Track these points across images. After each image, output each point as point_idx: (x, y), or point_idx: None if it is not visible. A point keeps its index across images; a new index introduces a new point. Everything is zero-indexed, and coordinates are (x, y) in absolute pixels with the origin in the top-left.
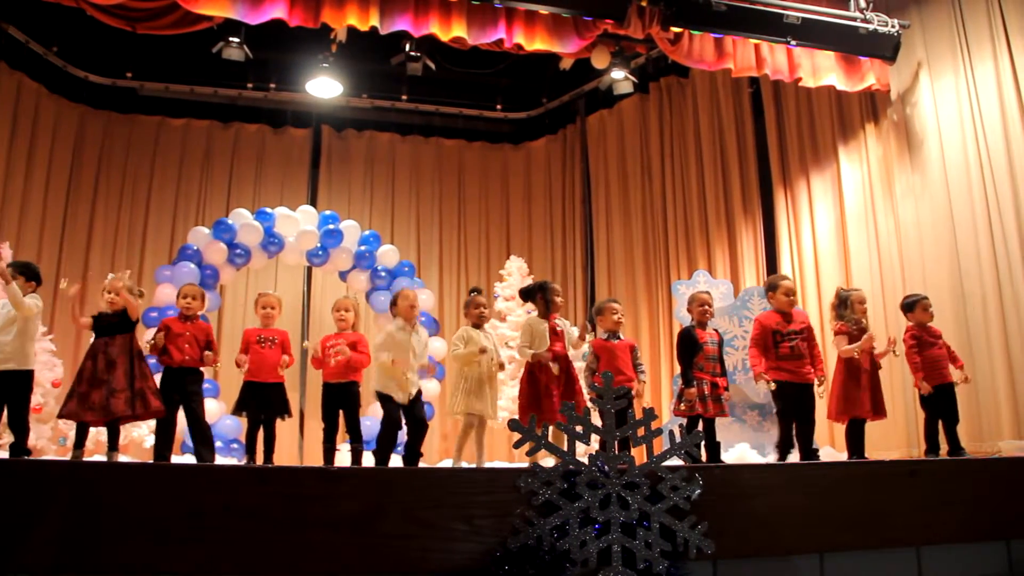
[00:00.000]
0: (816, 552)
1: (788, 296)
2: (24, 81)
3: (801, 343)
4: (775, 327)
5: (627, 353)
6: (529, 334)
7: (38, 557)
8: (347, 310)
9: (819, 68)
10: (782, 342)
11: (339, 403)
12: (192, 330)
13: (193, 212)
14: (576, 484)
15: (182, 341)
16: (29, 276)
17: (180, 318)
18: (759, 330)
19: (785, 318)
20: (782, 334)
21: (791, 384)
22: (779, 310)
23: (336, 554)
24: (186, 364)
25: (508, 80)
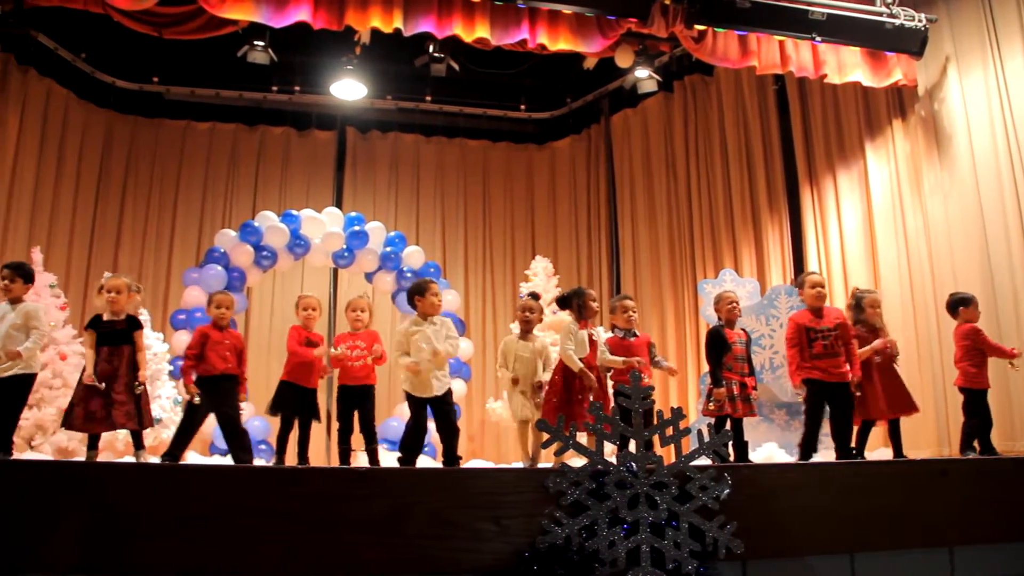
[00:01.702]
0: (846, 552)
1: (815, 288)
2: (53, 87)
3: (835, 340)
4: (807, 324)
5: (644, 350)
6: (572, 338)
7: (63, 556)
8: (363, 310)
9: (845, 64)
10: (815, 340)
11: (356, 405)
12: (229, 338)
13: (220, 215)
14: (605, 484)
15: (223, 349)
16: (27, 279)
17: (214, 326)
18: (792, 329)
19: (816, 315)
20: (815, 331)
21: (822, 383)
22: (810, 307)
23: (365, 554)
24: (227, 372)
25: (532, 80)
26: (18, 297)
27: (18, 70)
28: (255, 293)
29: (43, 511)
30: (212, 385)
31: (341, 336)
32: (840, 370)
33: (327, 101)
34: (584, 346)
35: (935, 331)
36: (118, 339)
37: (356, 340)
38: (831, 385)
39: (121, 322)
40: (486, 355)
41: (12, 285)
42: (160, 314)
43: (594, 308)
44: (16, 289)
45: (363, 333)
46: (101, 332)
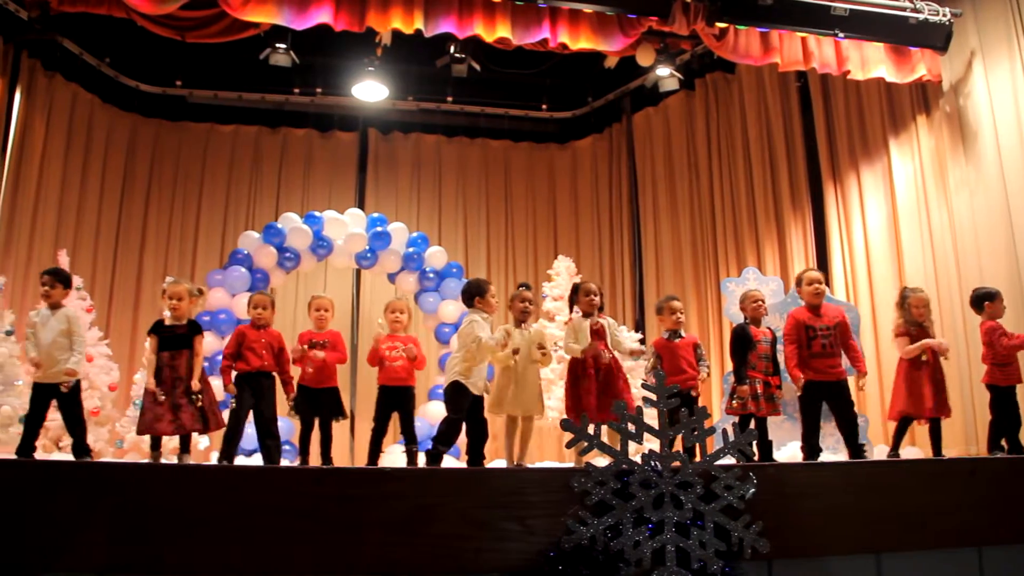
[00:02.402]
0: (873, 552)
1: (812, 285)
2: (79, 92)
3: (834, 340)
4: (806, 322)
5: (690, 351)
6: (573, 333)
7: (92, 555)
8: (402, 312)
9: (868, 60)
10: (814, 338)
11: (395, 406)
12: (266, 337)
13: (243, 216)
14: (629, 484)
15: (259, 347)
16: (66, 284)
17: (253, 327)
18: (791, 325)
19: (815, 312)
20: (814, 329)
21: (818, 384)
22: (808, 304)
23: (390, 554)
24: (264, 369)
25: (553, 80)
26: (58, 303)
27: (44, 76)
28: (279, 295)
29: (73, 510)
30: (250, 382)
31: (381, 337)
32: (837, 369)
33: (349, 103)
34: (585, 335)
35: (961, 329)
36: (179, 343)
37: (395, 342)
38: (828, 385)
39: (182, 327)
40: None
41: (52, 291)
42: None
43: (588, 300)
44: (55, 295)
45: (403, 337)
46: (163, 337)
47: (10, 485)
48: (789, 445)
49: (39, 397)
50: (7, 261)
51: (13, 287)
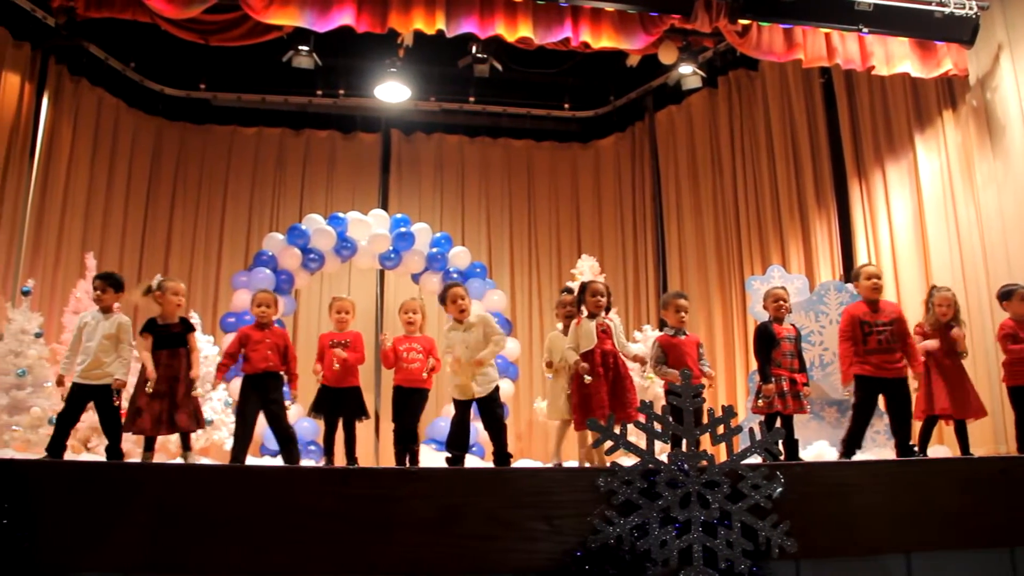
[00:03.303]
0: (902, 552)
1: (871, 280)
2: (105, 97)
3: (891, 335)
4: (862, 317)
5: (694, 349)
6: (575, 336)
7: (124, 556)
8: (415, 312)
9: (893, 55)
10: (870, 334)
11: (408, 406)
12: (271, 337)
13: (267, 218)
14: (656, 483)
15: (263, 348)
16: (117, 288)
17: (256, 326)
18: (846, 321)
19: (872, 308)
20: (870, 325)
21: (875, 379)
22: (866, 299)
23: (416, 554)
24: (269, 370)
25: (575, 79)
26: (109, 307)
27: (71, 81)
28: (303, 295)
29: (103, 510)
30: (257, 383)
31: (397, 339)
32: (897, 366)
33: (371, 104)
34: (591, 337)
35: (989, 326)
36: (176, 342)
37: (412, 343)
38: (885, 381)
39: (176, 325)
40: (532, 354)
41: (104, 295)
42: (210, 317)
43: (595, 301)
44: (107, 299)
45: (419, 337)
46: (158, 335)
47: (42, 484)
48: (815, 444)
49: (77, 397)
50: (36, 264)
51: (41, 290)
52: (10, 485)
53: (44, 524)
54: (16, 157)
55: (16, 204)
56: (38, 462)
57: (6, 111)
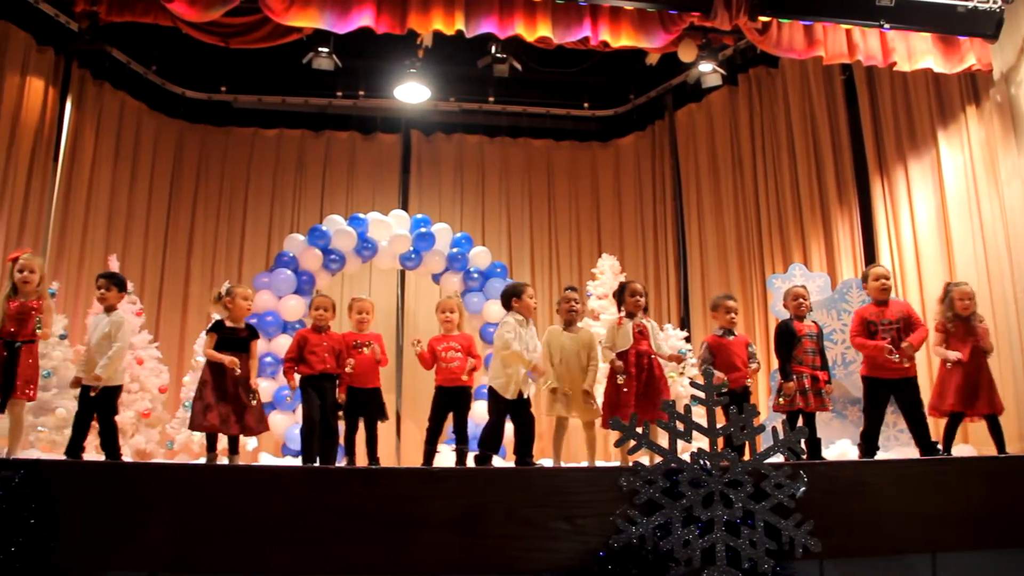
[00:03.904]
0: (928, 552)
1: (878, 281)
2: (127, 100)
3: (898, 335)
4: (869, 317)
5: (743, 349)
6: (612, 336)
7: (147, 556)
8: (452, 311)
9: (915, 51)
10: (876, 333)
11: (451, 406)
12: (328, 340)
13: (288, 219)
14: (679, 482)
15: (321, 351)
16: (120, 287)
17: (314, 329)
18: (856, 322)
19: (880, 308)
20: (876, 324)
21: (883, 381)
22: (874, 300)
23: (440, 554)
24: (327, 371)
25: (595, 78)
26: (112, 306)
27: (93, 85)
28: None
29: (127, 510)
30: (315, 385)
31: (435, 338)
32: (904, 366)
33: (391, 105)
34: (628, 338)
35: (1015, 323)
36: (240, 346)
37: (450, 342)
38: (893, 382)
39: (243, 330)
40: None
41: (107, 294)
42: None
43: (634, 301)
44: (111, 298)
45: (457, 336)
46: (224, 338)
47: (67, 485)
48: (838, 443)
49: (82, 398)
50: (60, 266)
51: (66, 292)
52: (36, 486)
53: (68, 524)
54: (40, 160)
55: (41, 207)
56: (63, 463)
57: (31, 115)
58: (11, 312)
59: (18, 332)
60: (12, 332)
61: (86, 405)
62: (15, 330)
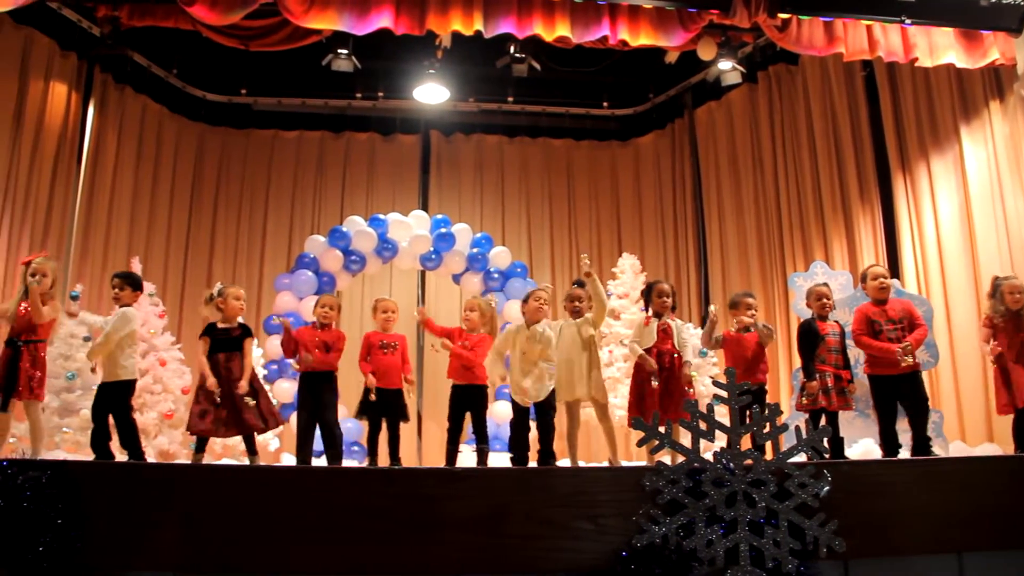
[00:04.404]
0: (954, 552)
1: (876, 280)
2: (148, 104)
3: (901, 334)
4: (873, 316)
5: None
6: (638, 331)
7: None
8: (472, 310)
9: (936, 46)
10: (880, 332)
11: (467, 405)
12: (319, 336)
13: (309, 221)
14: (701, 482)
15: (311, 347)
16: (135, 287)
17: (315, 326)
18: (859, 319)
19: (881, 308)
20: (879, 324)
21: (886, 378)
22: (874, 300)
23: (464, 554)
24: (318, 369)
25: (614, 77)
26: (127, 304)
27: (115, 89)
28: (344, 297)
29: (152, 511)
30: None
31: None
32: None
33: (410, 106)
34: (652, 336)
35: None
36: (232, 346)
37: (466, 340)
38: (898, 379)
39: (235, 329)
40: None
41: (121, 293)
42: (253, 320)
43: (661, 302)
44: (125, 296)
45: (470, 335)
46: (216, 339)
47: (93, 485)
48: (861, 442)
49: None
50: (84, 269)
51: (89, 294)
52: (63, 486)
53: (94, 524)
54: (64, 164)
55: (64, 210)
56: (89, 463)
57: (54, 119)
58: (21, 313)
59: (25, 332)
60: (19, 332)
61: (98, 400)
62: (22, 330)
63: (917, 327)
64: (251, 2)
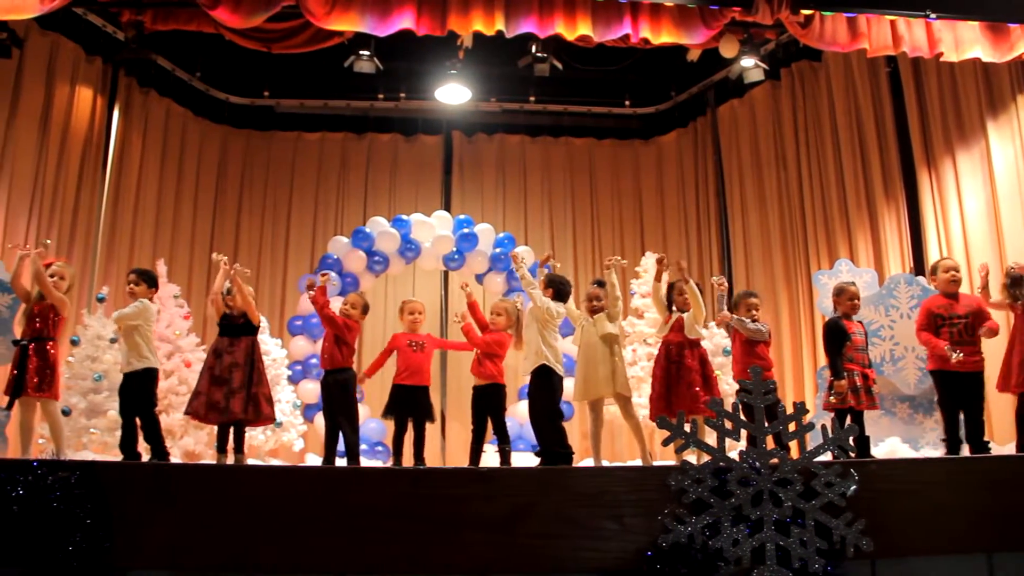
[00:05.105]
0: (984, 552)
1: (948, 272)
2: (172, 107)
3: (965, 329)
4: (937, 310)
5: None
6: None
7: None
8: (499, 314)
9: (962, 41)
10: (943, 326)
11: (483, 404)
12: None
13: (332, 222)
14: (727, 481)
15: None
16: (150, 283)
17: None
18: (923, 314)
19: (949, 301)
20: (944, 318)
21: (950, 374)
22: (943, 292)
23: (489, 553)
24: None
25: (636, 75)
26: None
27: (140, 92)
28: (368, 298)
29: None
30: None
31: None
32: (972, 359)
33: (432, 106)
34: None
35: None
36: (237, 331)
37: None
38: (960, 376)
39: (239, 317)
40: None
41: (136, 288)
42: (277, 320)
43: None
44: (139, 292)
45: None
46: (223, 324)
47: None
48: (887, 440)
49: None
50: (109, 271)
51: (115, 296)
52: (91, 486)
53: (122, 524)
54: (90, 167)
55: (91, 213)
56: (116, 464)
57: (80, 123)
58: (34, 312)
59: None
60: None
61: (124, 393)
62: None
63: (986, 321)
64: (273, 5)
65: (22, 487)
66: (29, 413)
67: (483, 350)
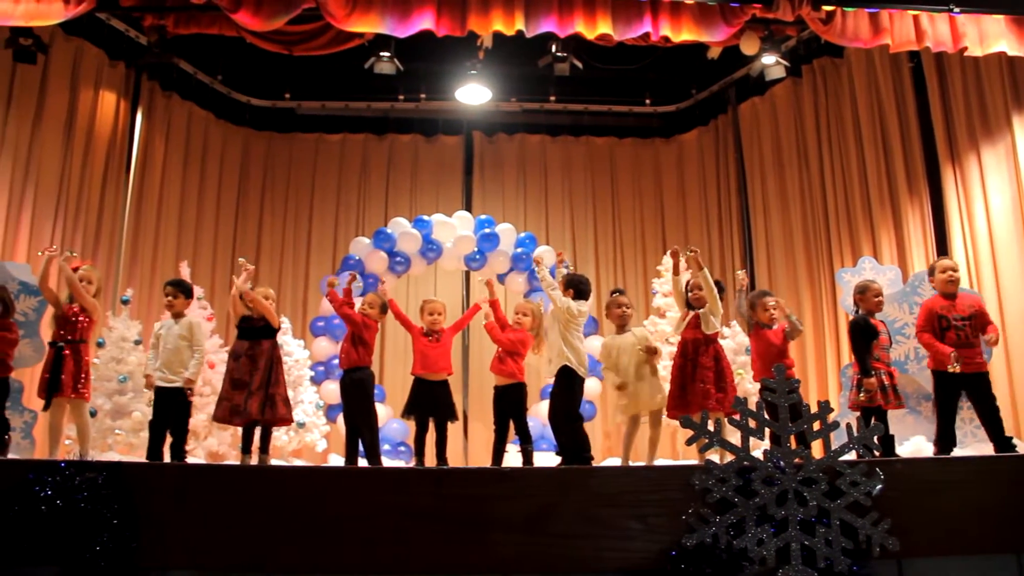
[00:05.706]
0: (1013, 552)
1: (945, 273)
2: (194, 110)
3: (969, 330)
4: (939, 311)
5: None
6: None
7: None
8: (524, 315)
9: (987, 35)
10: (948, 328)
11: (502, 404)
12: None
13: (353, 223)
14: (752, 480)
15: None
16: (187, 294)
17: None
18: (924, 314)
19: (950, 302)
20: (947, 319)
21: (955, 376)
22: (942, 293)
23: (511, 553)
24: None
25: (656, 74)
26: (180, 312)
27: (162, 96)
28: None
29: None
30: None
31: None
32: (976, 360)
33: (453, 107)
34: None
35: None
36: (257, 334)
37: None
38: (964, 377)
39: (259, 320)
40: None
41: (175, 301)
42: (300, 321)
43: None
44: (178, 304)
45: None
46: (242, 328)
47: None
48: (912, 439)
49: (158, 401)
50: (134, 273)
51: (139, 298)
52: (118, 487)
53: (148, 524)
54: (114, 171)
55: (115, 216)
56: (142, 465)
57: (104, 127)
58: (64, 314)
59: (67, 335)
60: (61, 335)
61: (164, 407)
62: (64, 332)
63: (987, 324)
64: (294, 7)
65: (50, 488)
66: (59, 414)
67: (507, 348)
